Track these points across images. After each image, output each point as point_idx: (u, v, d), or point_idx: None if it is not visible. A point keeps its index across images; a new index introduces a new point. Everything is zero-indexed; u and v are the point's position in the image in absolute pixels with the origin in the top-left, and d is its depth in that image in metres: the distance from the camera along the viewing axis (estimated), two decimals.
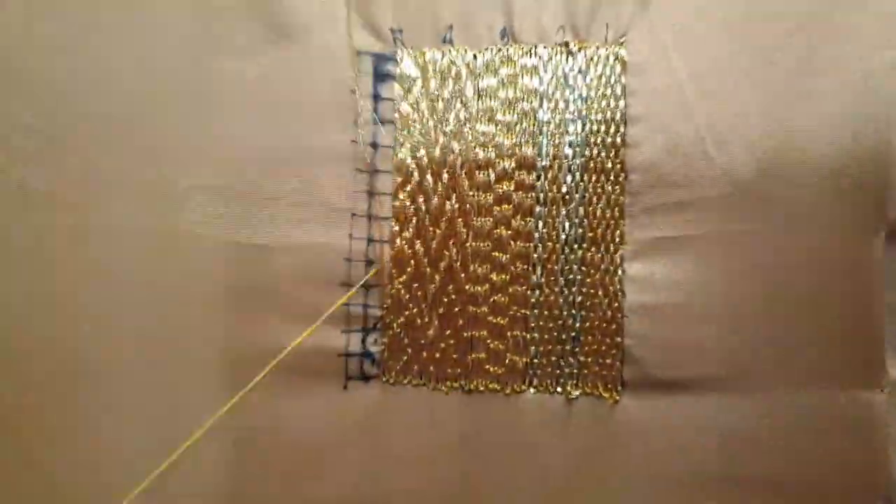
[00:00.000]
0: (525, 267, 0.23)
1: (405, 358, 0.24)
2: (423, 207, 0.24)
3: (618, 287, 0.23)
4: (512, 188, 0.23)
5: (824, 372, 0.22)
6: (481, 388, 0.23)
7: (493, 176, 0.23)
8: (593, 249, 0.23)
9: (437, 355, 0.23)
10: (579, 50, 0.23)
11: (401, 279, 0.24)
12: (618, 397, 0.23)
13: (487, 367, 0.23)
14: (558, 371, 0.23)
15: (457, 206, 0.23)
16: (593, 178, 0.23)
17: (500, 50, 0.24)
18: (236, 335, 0.23)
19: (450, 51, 0.24)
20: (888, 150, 0.22)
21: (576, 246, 0.23)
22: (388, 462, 0.23)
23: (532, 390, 0.23)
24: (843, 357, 0.22)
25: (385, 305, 0.24)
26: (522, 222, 0.23)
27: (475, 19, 0.24)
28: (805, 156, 0.22)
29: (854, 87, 0.22)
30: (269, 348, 0.23)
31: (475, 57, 0.24)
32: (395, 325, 0.24)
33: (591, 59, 0.23)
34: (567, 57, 0.23)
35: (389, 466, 0.23)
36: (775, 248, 0.22)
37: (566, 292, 0.23)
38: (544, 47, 0.23)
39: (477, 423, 0.23)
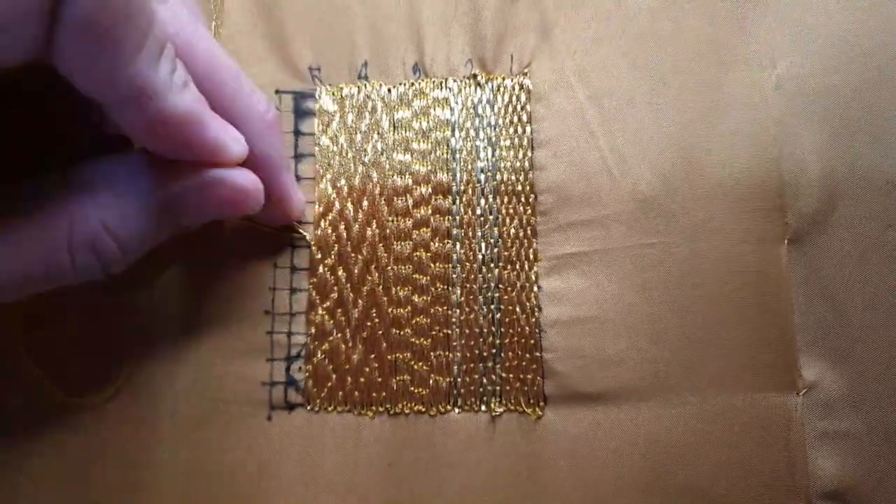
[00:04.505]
0: (445, 288, 0.24)
1: (330, 385, 0.24)
2: (345, 235, 0.24)
3: (534, 303, 0.23)
4: (429, 213, 0.24)
5: (740, 377, 0.23)
6: (406, 411, 0.23)
7: (410, 202, 0.24)
8: (509, 268, 0.24)
9: (362, 380, 0.24)
10: (487, 81, 0.25)
11: (324, 306, 0.24)
12: (540, 412, 0.23)
13: (412, 389, 0.24)
14: (481, 389, 0.23)
15: (377, 231, 0.24)
16: (505, 200, 0.24)
17: (412, 84, 0.25)
18: None
19: (365, 86, 0.25)
20: (779, 162, 0.23)
21: (492, 265, 0.24)
22: (315, 491, 0.23)
23: (457, 410, 0.23)
24: (758, 362, 0.23)
25: (309, 333, 0.24)
26: (441, 245, 0.24)
27: (389, 56, 0.25)
28: (703, 171, 0.24)
29: (744, 106, 0.24)
30: (193, 380, 0.23)
31: (390, 91, 0.25)
32: (319, 352, 0.24)
33: (498, 89, 0.25)
34: (476, 88, 0.25)
35: (317, 495, 0.23)
36: (683, 259, 0.23)
37: (486, 310, 0.24)
38: (454, 80, 0.25)
39: (403, 446, 0.23)
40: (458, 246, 0.24)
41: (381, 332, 0.24)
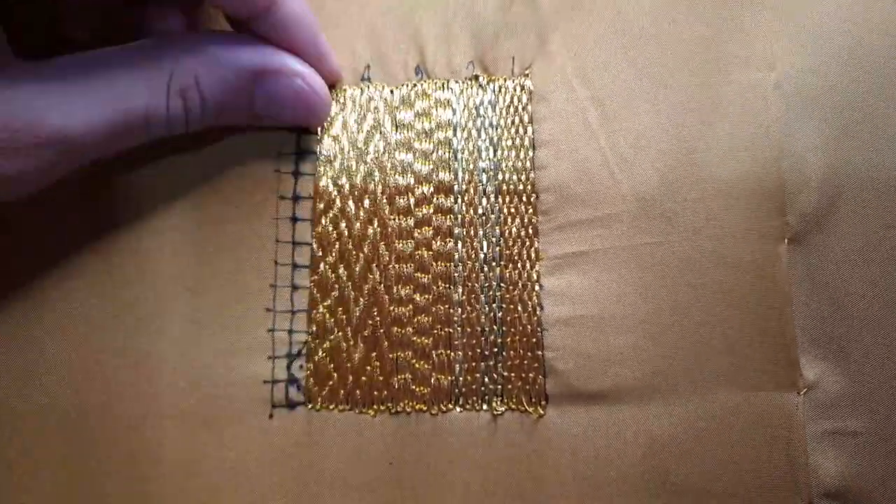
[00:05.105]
0: (447, 286, 0.24)
1: (331, 383, 0.24)
2: (346, 233, 0.24)
3: (536, 301, 0.24)
4: (431, 212, 0.24)
5: (741, 376, 0.23)
6: (408, 410, 0.23)
7: (412, 201, 0.24)
8: (511, 266, 0.24)
9: (363, 379, 0.24)
10: (488, 83, 0.25)
11: (325, 304, 0.24)
12: (542, 411, 0.23)
13: (413, 388, 0.23)
14: (483, 388, 0.23)
15: (379, 230, 0.24)
16: (507, 199, 0.24)
17: (415, 85, 0.25)
18: None
19: (368, 87, 0.25)
20: (779, 162, 0.24)
21: (494, 264, 0.24)
22: (316, 491, 0.23)
23: (458, 409, 0.23)
24: (759, 361, 0.23)
25: (310, 330, 0.24)
26: (442, 244, 0.24)
27: (391, 59, 0.25)
28: (704, 170, 0.24)
29: (744, 105, 0.24)
30: (194, 377, 0.23)
31: (392, 92, 0.25)
32: (320, 350, 0.24)
33: (500, 90, 0.25)
34: (478, 89, 0.25)
35: (318, 495, 0.23)
36: (684, 258, 0.23)
37: (487, 309, 0.24)
38: (456, 81, 0.25)
39: (405, 445, 0.23)
40: (459, 245, 0.24)
41: (382, 330, 0.24)
